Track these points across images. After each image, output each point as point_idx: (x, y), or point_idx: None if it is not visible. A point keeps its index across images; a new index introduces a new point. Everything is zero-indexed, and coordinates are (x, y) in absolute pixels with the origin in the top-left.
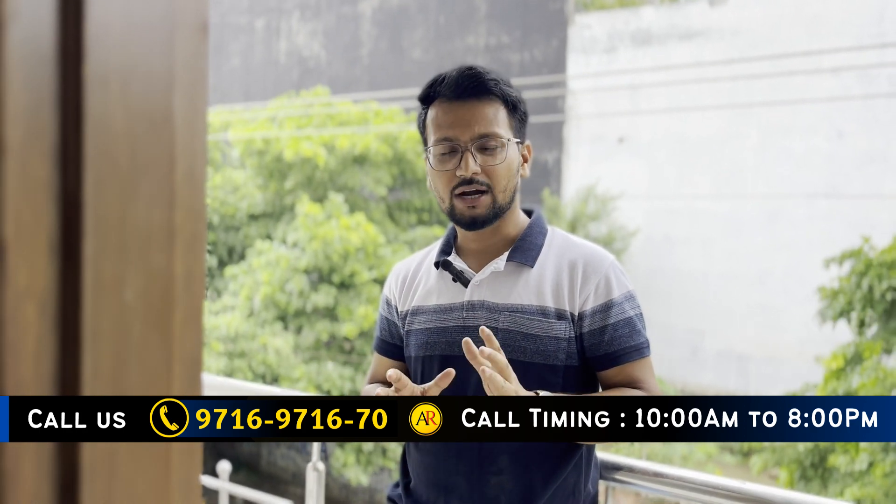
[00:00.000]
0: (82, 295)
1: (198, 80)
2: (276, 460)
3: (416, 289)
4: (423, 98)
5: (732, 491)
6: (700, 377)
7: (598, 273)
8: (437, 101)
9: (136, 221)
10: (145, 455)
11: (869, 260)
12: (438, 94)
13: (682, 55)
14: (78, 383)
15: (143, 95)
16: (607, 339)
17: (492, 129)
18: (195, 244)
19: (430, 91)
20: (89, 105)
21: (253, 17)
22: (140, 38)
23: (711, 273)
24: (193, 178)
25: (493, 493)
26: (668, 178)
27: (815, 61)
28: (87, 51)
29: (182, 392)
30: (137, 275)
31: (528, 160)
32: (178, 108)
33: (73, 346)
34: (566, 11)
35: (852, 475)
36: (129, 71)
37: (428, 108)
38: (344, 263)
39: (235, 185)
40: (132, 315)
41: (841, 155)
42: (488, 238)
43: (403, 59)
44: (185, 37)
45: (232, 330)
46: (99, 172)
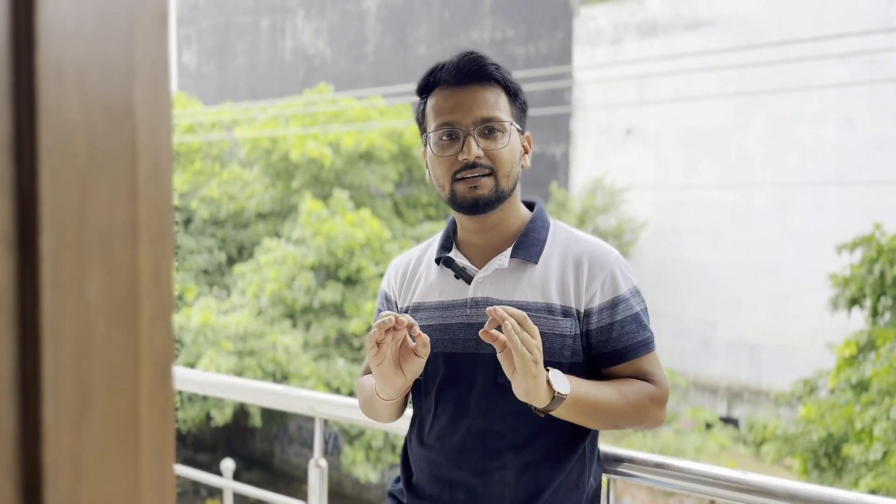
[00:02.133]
0: (41, 292)
1: (160, 71)
2: (289, 458)
3: (416, 284)
4: (423, 87)
5: (734, 481)
6: (712, 368)
7: (604, 269)
8: (437, 89)
9: (96, 216)
10: (113, 450)
11: (881, 246)
12: (439, 81)
13: (688, 45)
14: (39, 382)
15: (101, 86)
16: (615, 335)
17: (494, 114)
18: (162, 239)
19: (429, 79)
20: (43, 96)
21: (258, 16)
22: (97, 26)
23: (721, 263)
24: (158, 172)
25: (498, 487)
26: (677, 169)
27: (823, 47)
28: (39, 40)
29: (151, 389)
30: (99, 271)
31: (528, 151)
32: (139, 100)
33: (32, 344)
34: (571, 3)
35: (867, 464)
36: (85, 61)
37: (427, 97)
38: (350, 259)
39: (244, 181)
40: (95, 312)
41: (850, 142)
42: (489, 231)
43: (408, 55)
44: (146, 26)
45: (241, 328)
46: (55, 166)
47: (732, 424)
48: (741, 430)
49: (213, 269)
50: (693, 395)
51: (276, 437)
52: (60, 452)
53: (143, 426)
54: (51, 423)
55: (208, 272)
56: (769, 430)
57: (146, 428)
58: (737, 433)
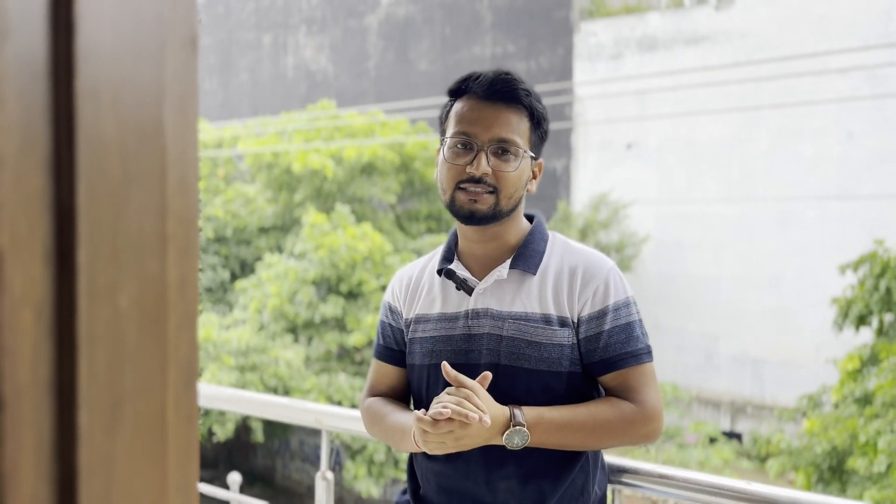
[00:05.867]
0: (77, 301)
1: (188, 93)
2: (290, 473)
3: (419, 296)
4: (454, 90)
5: (738, 492)
6: (715, 382)
7: (596, 279)
8: (465, 97)
9: (128, 230)
10: (142, 453)
11: (885, 262)
12: (469, 90)
13: (688, 60)
14: (74, 388)
15: (133, 108)
16: (602, 344)
17: (511, 136)
18: (188, 251)
19: (461, 84)
20: (81, 118)
21: (260, 32)
22: (130, 52)
23: (724, 277)
24: (185, 187)
25: (503, 497)
26: (678, 184)
27: (823, 62)
28: (78, 66)
29: (177, 395)
30: (131, 281)
31: (536, 177)
32: (168, 120)
33: (69, 351)
34: (571, 19)
35: (871, 478)
36: (119, 84)
37: (455, 101)
38: (351, 273)
39: (247, 198)
40: (127, 321)
41: (851, 156)
42: (490, 243)
43: (410, 70)
44: (175, 50)
45: (243, 343)
46: (91, 182)
47: (736, 439)
48: (745, 445)
49: (216, 286)
50: (696, 409)
51: (278, 453)
52: (94, 455)
53: (170, 431)
54: (85, 428)
55: (212, 290)
56: (773, 445)
57: (173, 433)
58: (740, 448)
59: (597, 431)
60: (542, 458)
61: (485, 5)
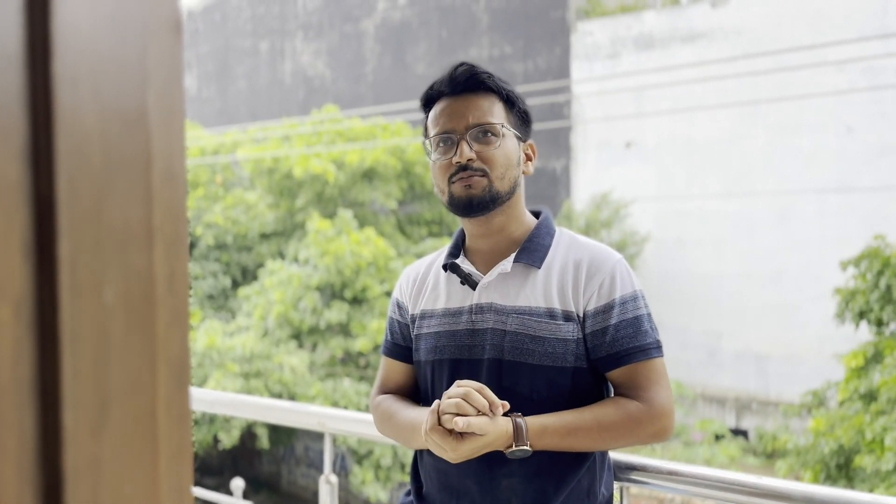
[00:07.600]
0: (59, 297)
1: (173, 79)
2: (296, 479)
3: (425, 292)
4: (424, 102)
5: (749, 486)
6: (719, 379)
7: (602, 272)
8: (435, 102)
9: (112, 221)
10: (132, 455)
11: (886, 258)
12: (437, 94)
13: (685, 57)
14: (58, 388)
15: (115, 94)
16: (609, 339)
17: (485, 119)
18: (177, 244)
19: (427, 93)
20: (59, 104)
21: (257, 39)
22: (111, 35)
23: (725, 274)
24: (172, 177)
25: (505, 496)
26: (677, 181)
27: (820, 55)
28: (55, 49)
29: (168, 395)
30: (117, 275)
31: (531, 159)
32: (152, 107)
33: (51, 349)
34: (568, 19)
35: (878, 474)
36: (100, 69)
37: (428, 110)
38: (356, 278)
39: (248, 204)
40: (113, 317)
41: (850, 149)
42: (494, 237)
43: (407, 74)
44: (159, 34)
45: (247, 350)
46: (71, 172)
47: (742, 436)
48: (751, 442)
49: (217, 293)
50: (701, 406)
51: (283, 459)
52: (80, 458)
53: (161, 432)
54: (70, 429)
55: (213, 297)
56: (779, 442)
57: (164, 433)
58: (746, 444)
59: (603, 434)
60: (546, 457)
61: (481, 7)
